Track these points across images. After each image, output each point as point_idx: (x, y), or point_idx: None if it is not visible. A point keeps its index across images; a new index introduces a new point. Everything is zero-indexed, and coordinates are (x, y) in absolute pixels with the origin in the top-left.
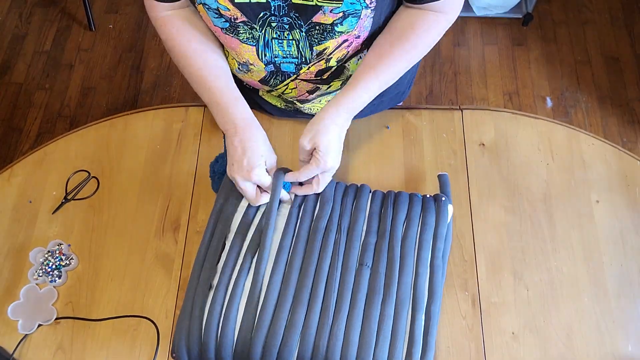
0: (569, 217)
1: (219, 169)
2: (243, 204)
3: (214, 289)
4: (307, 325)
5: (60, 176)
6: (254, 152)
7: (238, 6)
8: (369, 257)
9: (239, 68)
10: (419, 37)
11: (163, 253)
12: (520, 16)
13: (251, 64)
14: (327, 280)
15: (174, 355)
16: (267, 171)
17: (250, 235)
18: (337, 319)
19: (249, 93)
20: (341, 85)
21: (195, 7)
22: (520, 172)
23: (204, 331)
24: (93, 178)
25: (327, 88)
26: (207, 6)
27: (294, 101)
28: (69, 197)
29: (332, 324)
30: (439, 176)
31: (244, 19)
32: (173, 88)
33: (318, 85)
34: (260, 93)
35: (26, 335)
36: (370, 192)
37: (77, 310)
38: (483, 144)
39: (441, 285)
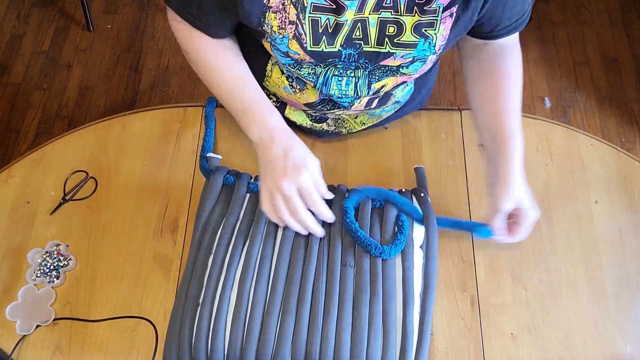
0: (567, 218)
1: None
2: (227, 216)
3: (200, 306)
4: (298, 333)
5: (58, 177)
6: (297, 152)
7: (310, 53)
8: (350, 256)
9: (291, 86)
10: (515, 65)
11: (161, 254)
12: None
13: (310, 87)
14: (313, 285)
15: None
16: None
17: (231, 248)
18: (327, 322)
19: None
20: (382, 109)
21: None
22: None
23: (194, 349)
24: (91, 178)
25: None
26: (275, 47)
27: (329, 115)
28: (67, 198)
29: (322, 328)
30: (416, 169)
31: (312, 61)
32: (171, 88)
33: (365, 112)
34: (287, 112)
35: (24, 336)
36: (347, 191)
37: (76, 311)
38: (482, 145)
39: (435, 273)
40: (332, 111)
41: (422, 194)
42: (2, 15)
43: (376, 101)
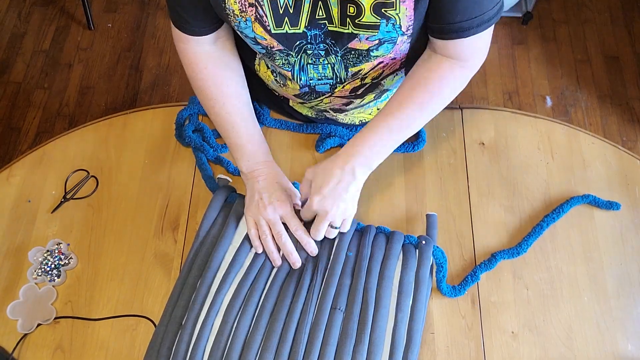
0: (568, 217)
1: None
2: (222, 240)
3: (181, 327)
4: None
5: (59, 175)
6: (282, 186)
7: (275, 36)
8: (342, 300)
9: (276, 80)
10: (434, 87)
11: (162, 252)
12: (520, 15)
13: (289, 79)
14: (297, 325)
15: None
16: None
17: (222, 275)
18: None
19: (280, 102)
20: (374, 97)
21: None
22: (520, 171)
23: None
24: (92, 177)
25: (361, 101)
26: (244, 34)
27: (328, 109)
28: (68, 197)
29: None
30: (427, 216)
31: (280, 47)
32: (172, 87)
33: (352, 100)
34: (291, 103)
35: (25, 334)
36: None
37: (77, 310)
38: (483, 143)
39: (420, 331)
40: (319, 100)
41: (424, 242)
42: (2, 14)
43: (362, 89)
